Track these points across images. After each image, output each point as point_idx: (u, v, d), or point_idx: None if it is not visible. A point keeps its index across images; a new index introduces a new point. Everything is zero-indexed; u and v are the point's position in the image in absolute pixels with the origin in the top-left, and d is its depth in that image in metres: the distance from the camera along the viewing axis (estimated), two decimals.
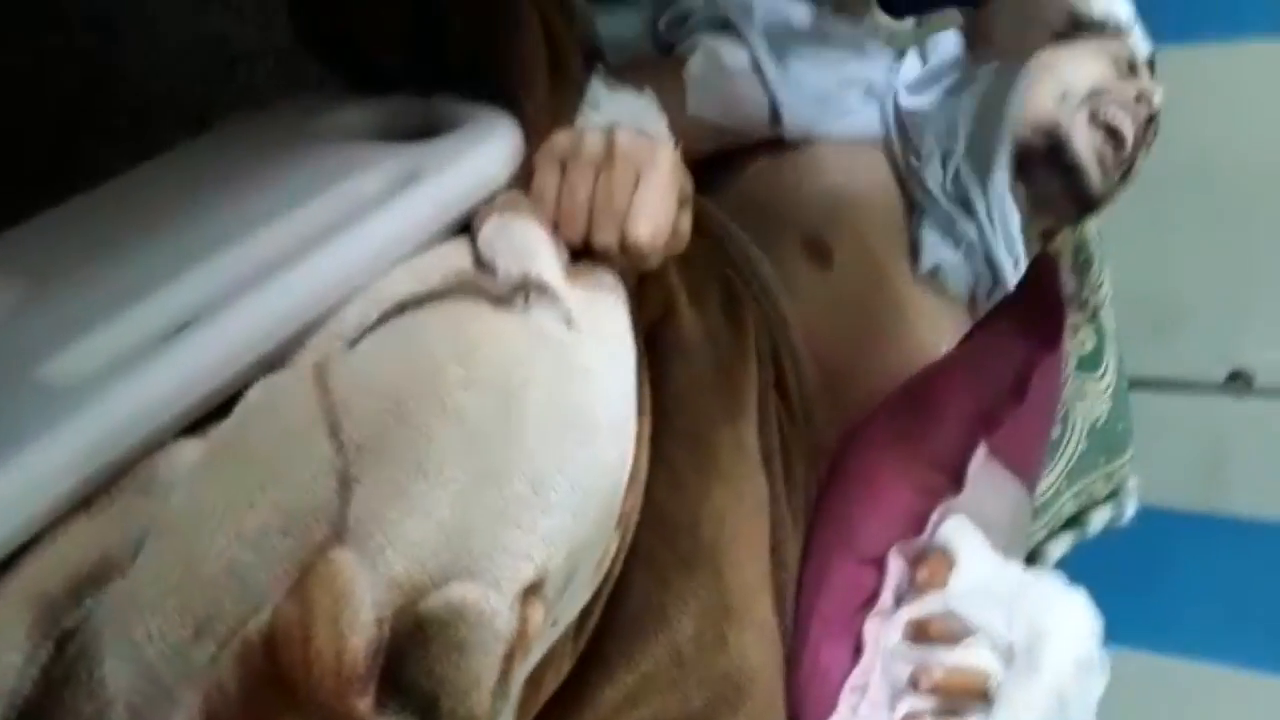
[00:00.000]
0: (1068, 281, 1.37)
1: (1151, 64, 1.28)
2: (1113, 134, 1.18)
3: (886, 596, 0.92)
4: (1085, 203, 1.22)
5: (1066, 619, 0.84)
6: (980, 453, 0.96)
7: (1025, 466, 1.02)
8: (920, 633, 0.87)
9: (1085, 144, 1.18)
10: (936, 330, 1.15)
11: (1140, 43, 1.29)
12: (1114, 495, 1.44)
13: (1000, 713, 0.80)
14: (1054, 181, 1.20)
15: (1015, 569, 0.93)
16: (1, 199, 0.98)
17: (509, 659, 0.58)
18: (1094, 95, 1.19)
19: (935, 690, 0.83)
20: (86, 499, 0.54)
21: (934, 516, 0.94)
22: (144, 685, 0.51)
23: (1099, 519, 1.42)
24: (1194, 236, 1.73)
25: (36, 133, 1.08)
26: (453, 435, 0.57)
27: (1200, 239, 1.73)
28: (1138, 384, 1.50)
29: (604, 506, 0.66)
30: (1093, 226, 1.43)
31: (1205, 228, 1.73)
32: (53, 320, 0.61)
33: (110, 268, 0.64)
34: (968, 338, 1.12)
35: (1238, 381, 1.75)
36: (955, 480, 0.96)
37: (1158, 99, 1.22)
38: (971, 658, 0.84)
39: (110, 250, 0.66)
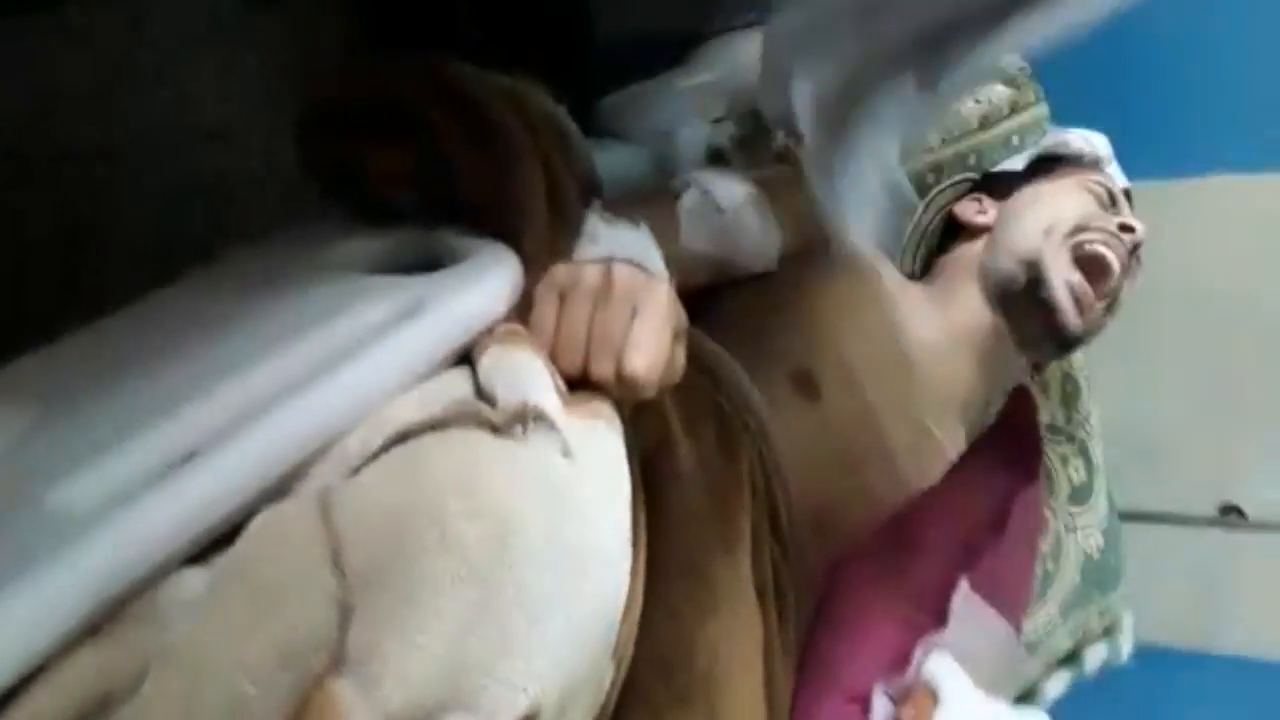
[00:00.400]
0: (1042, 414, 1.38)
1: (1128, 195, 1.31)
2: (1099, 265, 1.20)
3: None
4: (1063, 340, 1.24)
5: None
6: (962, 588, 0.96)
7: (1009, 601, 1.01)
8: None
9: (1061, 282, 1.20)
10: (924, 465, 1.16)
11: (1118, 175, 1.32)
12: (1109, 631, 1.42)
13: None
14: (1032, 318, 1.22)
15: (1000, 706, 0.91)
16: (6, 328, 1.00)
17: None
18: (1079, 229, 1.22)
19: None
20: (91, 628, 0.54)
21: (917, 653, 0.94)
22: None
23: (1095, 656, 1.41)
24: (1179, 369, 1.75)
25: (43, 260, 1.09)
26: (450, 567, 0.57)
27: (1186, 372, 1.75)
28: (1127, 517, 1.50)
29: (599, 639, 0.66)
30: (1080, 358, 1.45)
31: (1190, 361, 1.74)
32: (60, 448, 0.61)
33: (117, 397, 0.65)
34: (951, 472, 1.12)
35: (1230, 515, 1.75)
36: (938, 616, 0.95)
37: (1141, 229, 1.24)
38: None
39: (117, 380, 0.66)
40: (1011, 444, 1.05)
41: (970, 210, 1.34)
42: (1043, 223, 1.23)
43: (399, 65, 0.89)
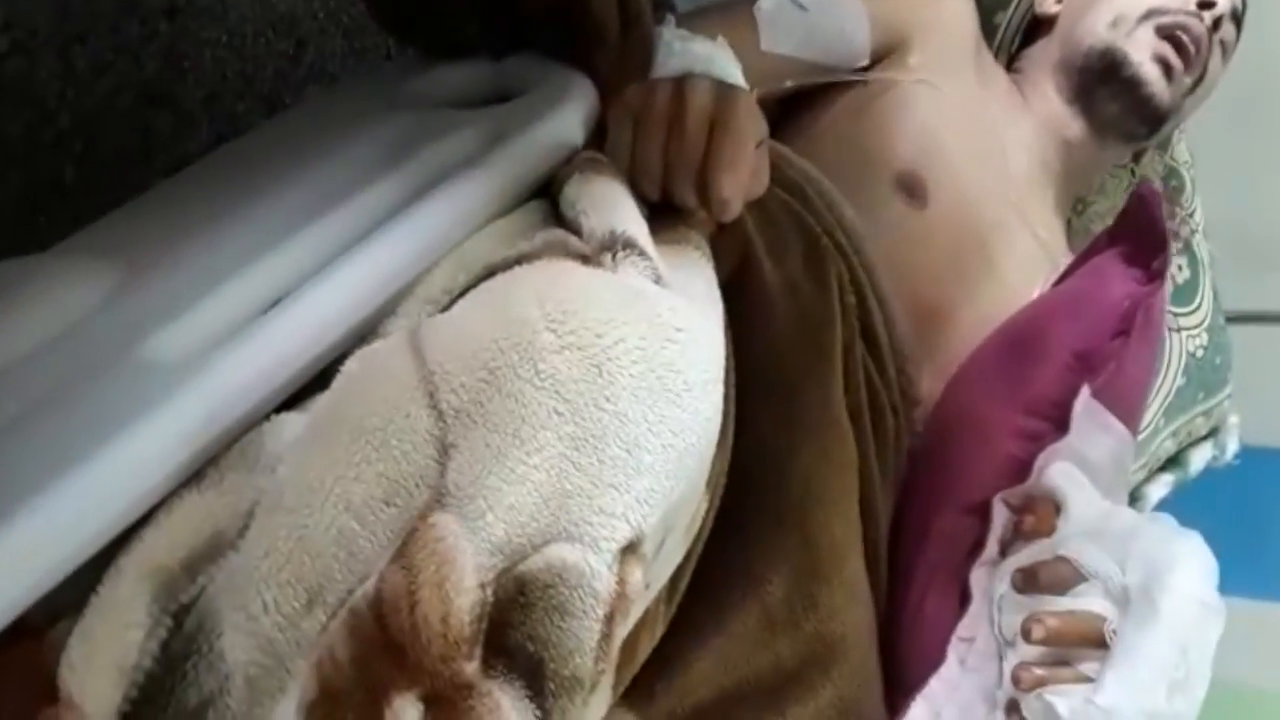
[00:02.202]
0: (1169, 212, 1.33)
1: None
2: (1177, 47, 1.14)
3: (992, 545, 0.89)
4: (1154, 115, 1.18)
5: (1183, 560, 0.79)
6: (1084, 396, 0.92)
7: (1128, 408, 0.97)
8: (1030, 580, 0.83)
9: (1145, 55, 1.14)
10: (1026, 262, 1.13)
11: None
12: (1214, 433, 1.39)
13: (1117, 660, 0.76)
14: (1114, 102, 1.17)
15: (1125, 512, 0.89)
16: (87, 180, 1.01)
17: (609, 620, 0.58)
18: (1148, 14, 1.15)
19: (1048, 639, 0.79)
20: (196, 474, 0.55)
21: (1038, 462, 0.91)
22: (261, 657, 0.52)
23: (1199, 458, 1.38)
24: None
25: (118, 118, 1.10)
26: (547, 400, 0.57)
27: None
28: (1232, 318, 1.45)
29: (696, 466, 0.65)
30: (1184, 151, 1.39)
31: None
32: (151, 301, 0.61)
33: (203, 247, 0.65)
34: (1066, 274, 1.08)
35: None
36: (1059, 425, 0.92)
37: (1225, 1, 1.16)
38: (1084, 604, 0.80)
39: (201, 230, 0.66)
40: (1134, 244, 0.99)
41: (1048, 1, 1.28)
42: (1108, 15, 1.18)
43: None
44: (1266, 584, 1.74)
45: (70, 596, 0.52)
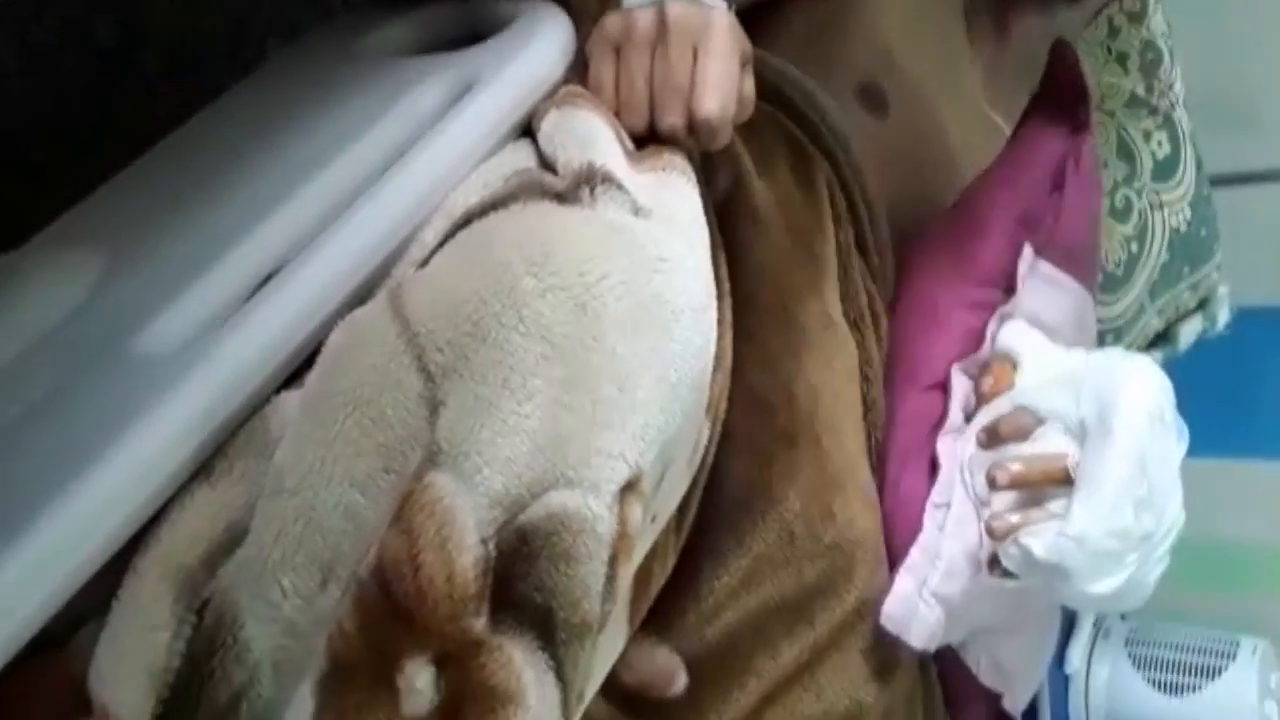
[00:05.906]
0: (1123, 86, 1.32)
1: None
2: None
3: (955, 414, 0.91)
4: None
5: (1131, 379, 0.81)
6: (1027, 254, 0.94)
7: (1077, 260, 0.99)
8: (993, 436, 0.84)
9: None
10: (990, 157, 1.12)
11: None
12: (1203, 305, 1.39)
13: (1080, 489, 0.77)
14: None
15: (1077, 352, 0.90)
16: (49, 154, 0.98)
17: (614, 561, 0.58)
18: None
19: (1014, 484, 0.80)
20: (204, 466, 0.55)
21: (990, 328, 0.93)
22: (285, 641, 0.53)
23: (1189, 332, 1.38)
24: (1267, 19, 1.65)
25: (78, 86, 1.07)
26: (534, 346, 0.56)
27: (1272, 22, 1.65)
28: (1217, 182, 1.44)
29: (692, 396, 0.65)
30: (1161, 22, 1.36)
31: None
32: (139, 290, 0.61)
33: (186, 228, 0.64)
34: (1004, 147, 1.07)
35: None
36: (1008, 290, 0.94)
37: None
38: (1045, 445, 0.82)
39: (183, 210, 0.65)
40: (1057, 100, 1.00)
41: None
42: None
43: None
44: (1260, 442, 1.76)
45: (88, 604, 0.52)
